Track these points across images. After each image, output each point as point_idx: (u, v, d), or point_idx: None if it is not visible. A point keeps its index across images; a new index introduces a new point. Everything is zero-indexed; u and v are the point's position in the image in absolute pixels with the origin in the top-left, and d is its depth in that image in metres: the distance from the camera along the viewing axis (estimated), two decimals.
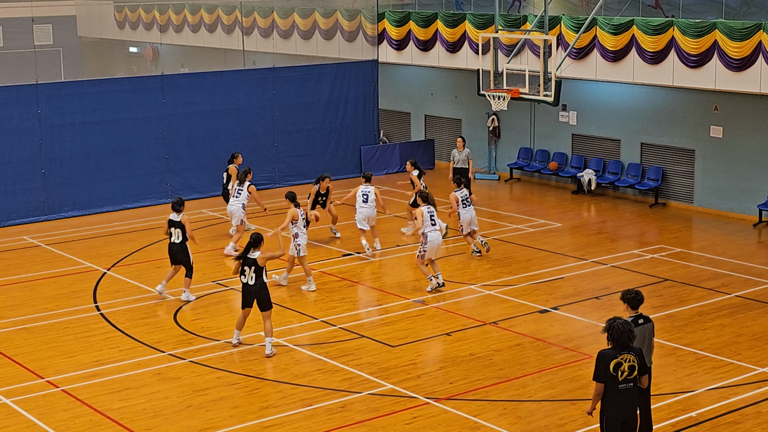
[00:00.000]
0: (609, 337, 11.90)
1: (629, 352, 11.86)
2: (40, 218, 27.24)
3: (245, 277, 17.11)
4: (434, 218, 20.51)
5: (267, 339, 17.23)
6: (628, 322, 11.94)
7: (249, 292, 17.16)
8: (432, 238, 20.27)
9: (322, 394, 15.74)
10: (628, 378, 11.87)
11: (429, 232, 20.26)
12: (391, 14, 32.78)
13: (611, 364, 11.82)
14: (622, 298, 13.09)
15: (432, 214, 20.46)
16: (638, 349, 12.02)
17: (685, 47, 25.15)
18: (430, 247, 20.30)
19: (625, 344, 11.85)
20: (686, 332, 18.24)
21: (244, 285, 17.19)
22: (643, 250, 23.72)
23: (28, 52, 36.79)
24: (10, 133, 26.86)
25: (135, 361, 17.24)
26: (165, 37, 41.83)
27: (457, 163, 27.28)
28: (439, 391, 15.81)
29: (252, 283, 17.06)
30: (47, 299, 20.67)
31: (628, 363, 11.84)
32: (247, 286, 17.15)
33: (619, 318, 11.98)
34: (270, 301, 17.24)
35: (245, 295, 17.25)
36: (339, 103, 32.27)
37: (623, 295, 13.09)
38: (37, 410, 15.29)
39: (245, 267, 17.08)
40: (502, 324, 18.73)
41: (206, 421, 14.90)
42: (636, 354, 11.90)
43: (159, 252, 23.97)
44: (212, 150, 29.84)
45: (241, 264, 17.12)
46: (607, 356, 11.87)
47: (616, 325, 11.86)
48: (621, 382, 11.87)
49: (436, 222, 20.53)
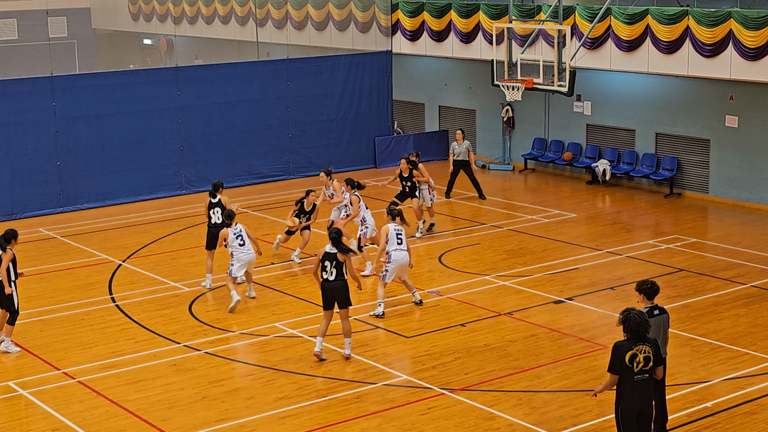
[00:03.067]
0: (625, 329, 11.88)
1: (645, 343, 11.84)
2: (55, 210, 27.32)
3: (326, 273, 16.57)
4: (401, 237, 18.86)
5: (346, 340, 16.81)
6: (643, 313, 11.93)
7: (327, 289, 16.57)
8: (396, 257, 18.68)
9: (337, 385, 15.76)
10: (643, 369, 11.85)
11: (393, 251, 18.72)
12: (405, 5, 32.74)
13: (627, 355, 11.80)
14: (638, 288, 13.09)
15: (399, 233, 18.87)
16: (654, 339, 12.00)
17: (700, 36, 25.06)
18: (393, 267, 18.73)
19: (640, 335, 11.83)
20: (702, 322, 18.20)
21: (323, 281, 16.63)
22: (658, 240, 23.67)
23: (42, 44, 36.91)
24: (26, 125, 26.93)
25: (150, 352, 17.28)
26: (179, 28, 41.88)
27: (458, 155, 27.32)
28: (454, 382, 15.81)
29: (332, 279, 16.54)
30: (63, 291, 20.74)
31: (643, 354, 11.81)
32: (326, 282, 16.57)
33: (634, 309, 11.96)
34: (349, 299, 16.72)
35: (326, 293, 16.57)
36: (353, 94, 32.26)
37: (639, 286, 13.09)
38: (54, 401, 15.35)
39: (326, 262, 16.55)
40: (517, 315, 18.71)
41: (222, 412, 14.93)
42: (651, 345, 11.88)
43: (175, 243, 24.05)
44: (227, 141, 29.88)
45: (320, 261, 16.60)
46: (622, 348, 11.85)
47: (631, 316, 11.84)
48: (636, 374, 11.86)
49: (402, 241, 18.85)
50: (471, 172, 27.48)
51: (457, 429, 14.22)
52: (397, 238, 18.84)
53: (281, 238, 22.44)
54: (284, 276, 21.32)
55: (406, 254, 18.84)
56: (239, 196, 28.55)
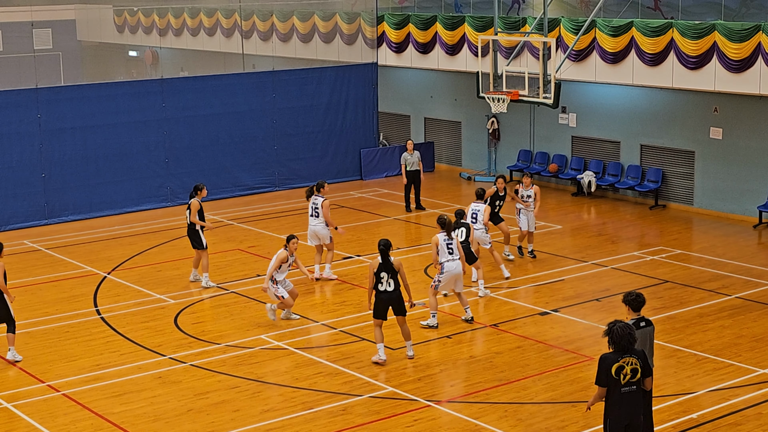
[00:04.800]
0: (610, 341, 11.85)
1: (631, 355, 11.83)
2: (40, 222, 27.25)
3: (382, 285, 16.56)
4: (452, 247, 18.40)
5: (408, 342, 17.13)
6: (629, 325, 11.89)
7: (386, 299, 16.60)
8: (449, 268, 18.35)
9: (323, 397, 15.74)
10: (630, 381, 11.83)
11: (446, 262, 18.36)
12: (391, 17, 32.79)
13: (613, 368, 11.79)
14: (624, 300, 13.08)
15: (449, 243, 18.40)
16: (641, 351, 11.98)
17: (684, 49, 25.16)
18: (446, 277, 18.44)
19: (626, 347, 11.81)
20: (687, 334, 18.24)
21: (380, 293, 16.58)
22: (644, 251, 23.72)
23: (27, 56, 36.80)
24: (11, 137, 26.88)
25: (136, 364, 17.24)
26: (164, 40, 41.86)
27: (410, 166, 27.37)
28: (440, 394, 15.81)
29: (391, 290, 16.64)
30: (48, 303, 20.68)
31: (630, 366, 11.80)
32: (384, 294, 16.58)
33: (620, 321, 11.94)
34: (404, 307, 16.89)
35: (380, 303, 16.65)
36: (339, 106, 32.29)
37: (625, 298, 13.08)
38: (38, 414, 15.29)
39: (382, 273, 16.56)
40: (503, 326, 18.72)
41: (207, 424, 14.90)
42: (639, 357, 11.85)
43: (160, 255, 24.01)
44: (212, 153, 29.87)
45: (376, 273, 16.55)
46: (608, 360, 11.84)
47: (615, 328, 11.82)
48: (624, 386, 11.84)
49: (454, 251, 18.44)
50: (419, 182, 27.55)
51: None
52: (447, 248, 18.37)
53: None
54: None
55: (459, 264, 18.43)
56: (225, 208, 28.54)
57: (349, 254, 23.67)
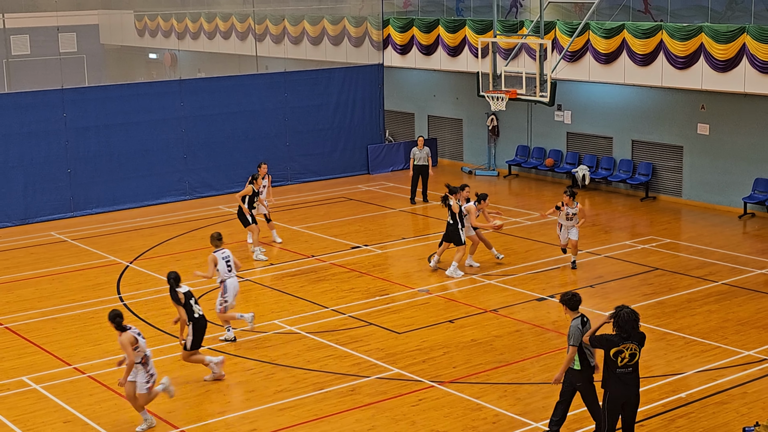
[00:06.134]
0: (615, 324, 11.91)
1: (632, 341, 11.88)
2: (66, 215, 27.27)
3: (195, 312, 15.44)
4: (230, 264, 17.21)
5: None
6: (635, 312, 11.91)
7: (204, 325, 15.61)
8: (231, 285, 17.23)
9: (332, 379, 15.75)
10: (627, 364, 11.93)
11: (228, 280, 17.21)
12: (396, 20, 32.74)
13: (612, 350, 11.88)
14: (561, 300, 12.86)
15: (228, 260, 17.19)
16: (641, 335, 12.02)
17: (673, 50, 25.10)
18: (231, 296, 17.30)
19: (629, 332, 11.85)
20: (676, 318, 18.22)
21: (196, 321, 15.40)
22: (635, 241, 23.70)
23: (53, 59, 36.82)
24: (38, 135, 26.90)
25: (156, 348, 17.21)
26: (182, 43, 41.83)
27: (418, 160, 27.60)
28: (443, 375, 15.81)
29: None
30: (74, 291, 20.71)
31: (629, 351, 11.90)
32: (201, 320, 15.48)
33: (627, 307, 11.96)
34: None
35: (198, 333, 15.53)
36: (347, 104, 32.26)
37: (562, 298, 12.87)
38: (65, 395, 15.33)
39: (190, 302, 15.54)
40: (502, 311, 18.72)
41: (224, 404, 14.92)
42: (638, 342, 11.93)
43: (179, 246, 24.03)
44: (228, 150, 29.86)
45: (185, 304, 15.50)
46: (611, 343, 11.91)
47: (622, 313, 11.86)
48: (620, 368, 11.95)
49: (232, 268, 17.25)
50: (427, 176, 27.65)
51: (446, 419, 14.22)
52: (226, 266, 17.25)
53: None
54: (283, 276, 21.31)
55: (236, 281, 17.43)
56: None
57: (357, 244, 23.66)
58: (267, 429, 14.04)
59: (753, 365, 16.01)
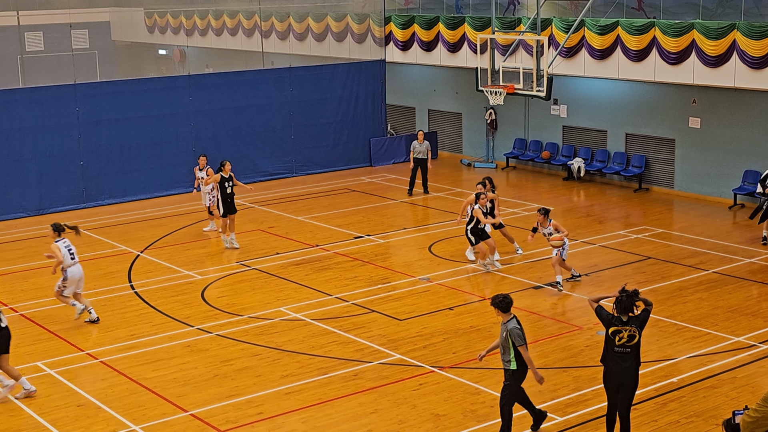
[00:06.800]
0: (614, 305, 12.04)
1: (631, 325, 11.96)
2: (79, 206, 27.27)
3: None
4: (73, 253, 17.54)
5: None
6: (632, 296, 11.96)
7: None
8: (72, 272, 17.53)
9: (336, 364, 15.75)
10: (626, 344, 11.99)
11: (69, 268, 17.47)
12: (397, 18, 32.68)
13: (610, 329, 12.03)
14: (493, 304, 12.50)
15: (71, 249, 17.54)
16: (641, 318, 12.06)
17: (665, 46, 25.04)
18: (71, 282, 17.56)
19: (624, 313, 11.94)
20: (668, 305, 18.21)
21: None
22: (628, 231, 23.68)
23: (66, 55, 36.80)
24: (52, 129, 26.88)
25: (166, 334, 17.28)
26: (191, 40, 41.78)
27: (417, 153, 27.62)
28: (443, 360, 15.81)
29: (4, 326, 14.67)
30: (87, 279, 20.52)
31: (628, 332, 11.98)
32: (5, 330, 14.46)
33: (626, 292, 12.03)
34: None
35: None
36: (350, 99, 32.22)
37: (493, 301, 12.54)
38: (78, 380, 15.35)
39: None
40: None
41: (232, 388, 14.93)
42: (638, 326, 12.00)
43: (188, 235, 24.02)
44: (235, 143, 29.84)
45: None
46: (609, 322, 12.05)
47: (623, 296, 11.95)
48: (617, 347, 12.03)
49: (75, 256, 17.58)
50: (426, 169, 27.63)
51: (446, 403, 14.22)
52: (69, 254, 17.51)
53: None
54: (288, 265, 21.31)
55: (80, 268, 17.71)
56: (246, 192, 28.54)
57: (360, 234, 23.65)
58: (273, 412, 14.05)
59: (742, 351, 16.00)
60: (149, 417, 13.97)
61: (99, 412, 14.19)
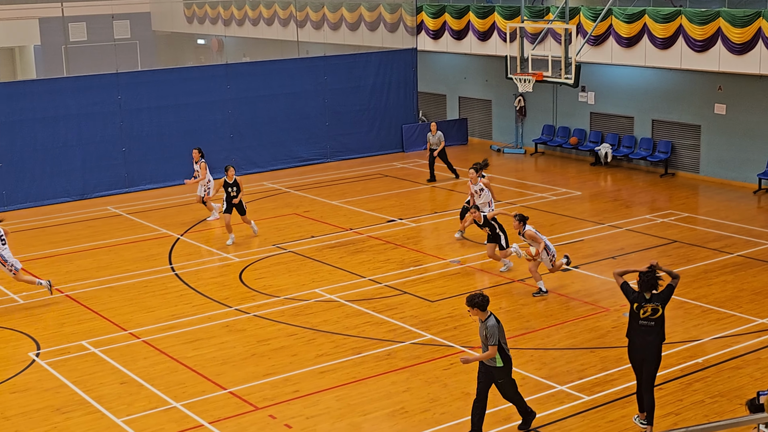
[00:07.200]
0: (638, 282, 12.13)
1: (654, 302, 12.08)
2: (121, 190, 27.47)
3: None
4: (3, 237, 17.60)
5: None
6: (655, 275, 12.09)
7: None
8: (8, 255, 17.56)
9: (370, 344, 15.81)
10: (650, 318, 12.08)
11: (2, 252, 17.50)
12: (428, 7, 32.60)
13: (635, 304, 12.14)
14: (470, 303, 12.00)
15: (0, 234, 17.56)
16: (664, 295, 12.16)
17: (691, 33, 24.84)
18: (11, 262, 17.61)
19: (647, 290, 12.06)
20: (693, 288, 18.12)
21: None
22: (654, 215, 23.56)
23: (108, 44, 37.02)
24: (95, 116, 27.07)
25: (206, 315, 17.40)
26: (228, 30, 41.88)
27: (432, 144, 27.36)
28: (474, 341, 15.81)
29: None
30: (128, 261, 20.88)
31: (651, 306, 12.08)
32: None
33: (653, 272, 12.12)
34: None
35: None
36: (383, 86, 32.19)
37: (470, 301, 12.01)
38: (122, 358, 15.50)
39: None
40: (529, 281, 18.68)
41: (269, 367, 15.02)
42: (661, 301, 12.11)
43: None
44: (271, 129, 29.92)
45: None
46: (634, 298, 12.16)
47: (647, 274, 12.08)
48: (642, 320, 12.13)
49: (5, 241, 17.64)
50: (445, 156, 27.37)
51: (475, 382, 14.19)
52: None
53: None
54: (323, 248, 21.38)
55: None
56: (282, 177, 28.65)
57: (392, 218, 23.68)
58: (308, 390, 14.13)
59: (766, 332, 15.90)
60: (189, 394, 14.10)
61: (141, 389, 14.34)
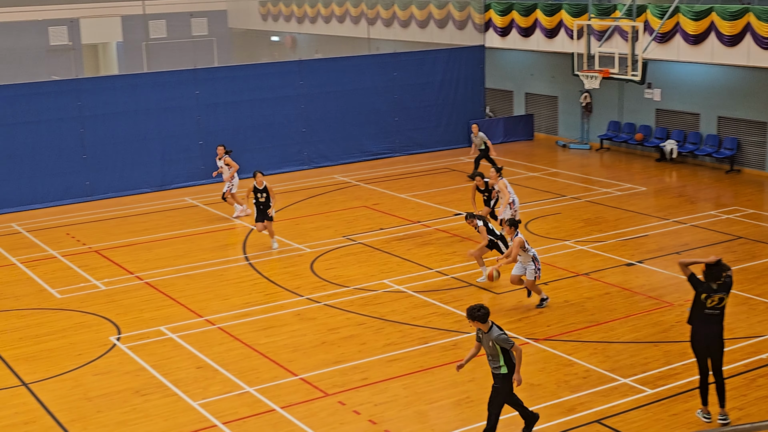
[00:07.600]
0: (704, 273, 12.08)
1: (720, 292, 12.06)
2: (198, 182, 27.77)
3: None
4: None
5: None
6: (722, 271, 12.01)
7: None
8: None
9: (436, 334, 15.80)
10: (716, 306, 12.08)
11: None
12: (497, 5, 32.41)
13: (702, 295, 12.09)
14: (471, 317, 11.69)
15: None
16: (727, 285, 12.10)
17: (759, 31, 24.34)
18: None
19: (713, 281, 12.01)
20: (758, 284, 17.79)
21: None
22: (720, 211, 23.16)
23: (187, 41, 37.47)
24: (173, 111, 27.41)
25: (278, 303, 17.53)
26: (302, 27, 42.10)
27: (478, 146, 26.96)
28: (538, 333, 15.73)
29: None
30: (205, 251, 21.12)
31: (718, 295, 12.07)
32: None
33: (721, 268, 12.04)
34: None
35: None
36: (451, 82, 32.09)
37: (471, 314, 11.67)
38: (198, 344, 15.69)
39: None
40: (593, 275, 18.51)
41: (338, 355, 15.09)
42: (725, 291, 12.09)
43: (298, 211, 24.28)
44: (342, 124, 30.02)
45: None
46: (701, 289, 12.11)
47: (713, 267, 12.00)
48: (708, 308, 12.10)
49: None
50: (488, 155, 26.92)
51: (540, 373, 14.16)
52: None
53: None
54: (392, 240, 21.40)
55: None
56: (353, 170, 28.74)
57: (459, 211, 23.61)
58: (377, 378, 14.17)
59: None
60: (262, 380, 14.23)
61: (216, 374, 14.50)
